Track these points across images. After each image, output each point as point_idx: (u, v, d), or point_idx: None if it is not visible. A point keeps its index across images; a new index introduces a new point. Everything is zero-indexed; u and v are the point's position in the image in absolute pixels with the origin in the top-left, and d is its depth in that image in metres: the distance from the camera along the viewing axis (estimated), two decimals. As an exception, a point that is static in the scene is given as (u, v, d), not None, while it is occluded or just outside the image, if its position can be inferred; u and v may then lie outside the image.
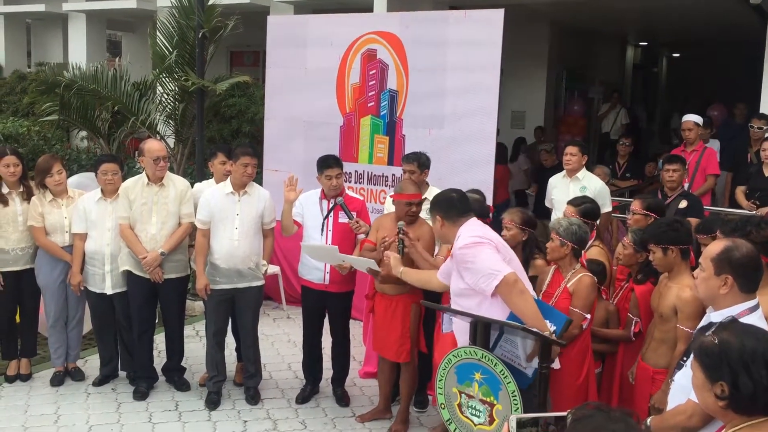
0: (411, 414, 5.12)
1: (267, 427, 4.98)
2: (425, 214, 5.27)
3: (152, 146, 5.29)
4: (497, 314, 3.75)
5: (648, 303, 4.16)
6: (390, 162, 6.74)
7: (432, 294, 4.82)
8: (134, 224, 5.24)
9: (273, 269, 6.93)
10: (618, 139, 9.79)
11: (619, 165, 9.02)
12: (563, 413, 1.95)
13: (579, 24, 12.36)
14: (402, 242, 4.63)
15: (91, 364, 5.80)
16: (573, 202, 5.12)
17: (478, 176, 6.25)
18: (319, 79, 7.10)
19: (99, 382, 5.53)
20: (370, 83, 6.85)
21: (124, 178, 5.46)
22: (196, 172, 7.58)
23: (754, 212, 6.25)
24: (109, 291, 5.34)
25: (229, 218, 5.10)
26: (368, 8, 9.19)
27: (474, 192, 5.11)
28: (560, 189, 6.34)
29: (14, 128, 10.16)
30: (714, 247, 2.85)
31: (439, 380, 3.94)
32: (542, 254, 4.65)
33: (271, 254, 5.51)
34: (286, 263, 7.39)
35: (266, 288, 5.78)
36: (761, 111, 7.57)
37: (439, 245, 4.89)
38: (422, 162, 5.36)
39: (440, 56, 6.46)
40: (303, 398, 5.37)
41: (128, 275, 5.31)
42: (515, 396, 3.58)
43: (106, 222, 5.31)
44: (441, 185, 5.67)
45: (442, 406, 3.94)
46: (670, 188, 6.14)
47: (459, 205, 3.99)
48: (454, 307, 3.97)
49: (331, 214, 5.16)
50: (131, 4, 12.64)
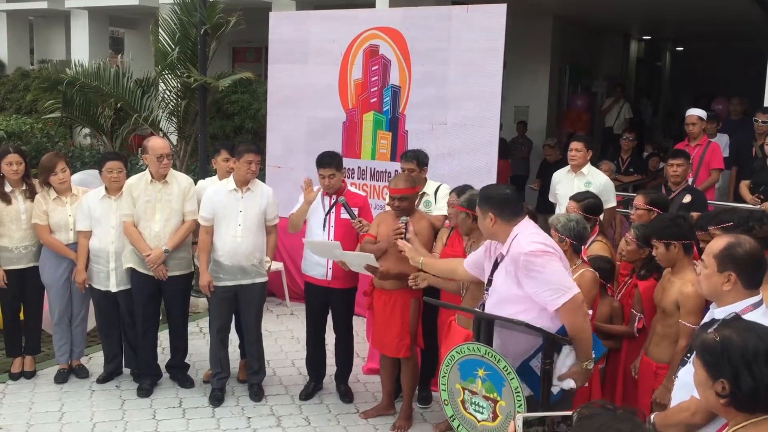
0: (414, 410, 5.13)
1: (271, 424, 4.99)
2: (423, 207, 5.29)
3: (156, 144, 5.29)
4: (543, 326, 3.53)
5: (651, 298, 4.16)
6: (393, 158, 6.72)
7: (431, 289, 4.83)
8: (138, 222, 5.25)
9: (276, 266, 6.93)
10: (621, 134, 9.76)
11: (623, 160, 9.00)
12: (569, 412, 1.94)
13: (582, 18, 12.32)
14: (403, 237, 4.65)
15: (95, 362, 5.81)
16: (576, 198, 5.10)
17: (481, 171, 6.24)
18: (322, 75, 7.09)
19: (103, 379, 5.54)
20: (373, 79, 6.84)
21: (127, 176, 5.46)
22: (199, 169, 7.58)
23: (759, 206, 6.23)
24: (114, 288, 5.35)
25: (233, 215, 5.10)
26: (370, 4, 9.18)
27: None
28: (564, 184, 6.32)
29: (17, 126, 10.17)
30: (717, 244, 2.83)
31: (443, 376, 3.93)
32: None
33: (275, 251, 5.51)
34: (290, 260, 7.39)
35: (269, 284, 5.79)
36: (766, 105, 7.53)
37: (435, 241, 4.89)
38: (420, 160, 5.35)
39: (443, 52, 6.44)
40: (306, 395, 5.37)
41: (132, 272, 5.32)
42: (518, 392, 3.57)
43: (111, 219, 5.31)
44: (443, 179, 5.69)
45: (446, 403, 3.93)
46: (674, 183, 6.12)
47: (515, 204, 3.68)
48: (495, 310, 3.65)
49: (333, 211, 5.16)
50: (133, 1, 12.63)
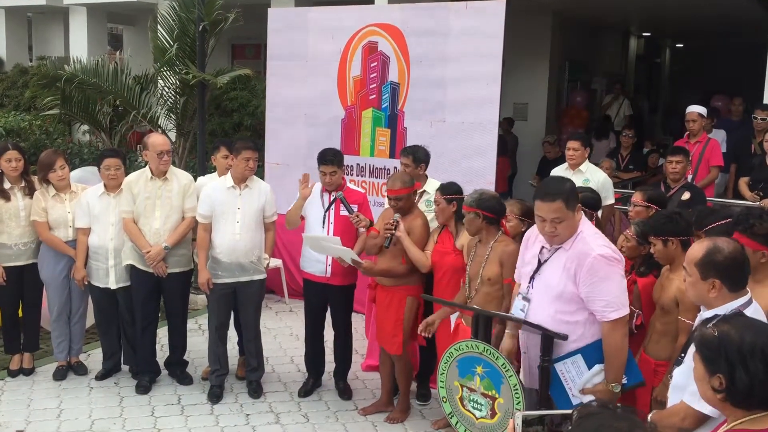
0: (413, 407, 5.13)
1: (269, 421, 4.99)
2: (424, 206, 5.29)
3: (156, 140, 5.29)
4: (594, 334, 3.45)
5: (650, 295, 4.15)
6: (392, 155, 6.72)
7: (428, 288, 4.85)
8: (138, 218, 5.24)
9: (275, 262, 6.93)
10: (621, 131, 9.76)
11: (622, 157, 8.99)
12: (568, 411, 1.94)
13: (581, 15, 12.30)
14: (390, 237, 4.73)
15: (94, 359, 5.81)
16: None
17: (480, 169, 6.24)
18: (321, 72, 7.08)
19: (102, 376, 5.54)
20: (372, 76, 6.83)
21: (127, 173, 5.46)
22: (198, 166, 7.57)
23: (758, 203, 6.23)
24: (113, 286, 5.35)
25: (231, 212, 5.10)
26: (369, 0, 9.16)
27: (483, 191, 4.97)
28: (562, 181, 6.31)
29: (16, 122, 10.16)
30: (696, 252, 2.79)
31: (441, 374, 3.94)
32: None
33: (273, 248, 5.51)
34: (288, 256, 7.39)
35: (268, 281, 5.78)
36: (765, 102, 7.52)
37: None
38: (417, 156, 5.33)
39: (442, 48, 6.43)
40: (305, 392, 5.37)
41: (132, 269, 5.32)
42: (517, 389, 3.57)
43: (110, 216, 5.31)
44: (442, 177, 5.67)
45: (444, 400, 3.94)
46: (673, 180, 6.12)
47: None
48: (543, 306, 3.52)
49: (333, 207, 5.15)
50: (132, -2, 12.62)
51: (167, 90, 8.40)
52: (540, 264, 3.55)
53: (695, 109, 7.48)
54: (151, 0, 11.86)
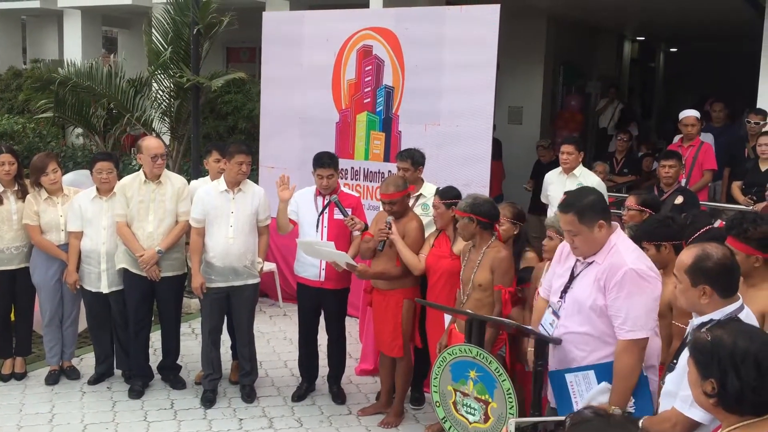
0: (407, 411, 5.13)
1: (263, 425, 4.97)
2: (420, 210, 5.29)
3: (150, 144, 5.28)
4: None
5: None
6: (386, 158, 6.71)
7: (423, 292, 4.85)
8: (131, 222, 5.22)
9: (269, 266, 6.92)
10: (615, 135, 9.77)
11: (617, 160, 9.00)
12: (561, 417, 1.93)
13: (576, 19, 12.32)
14: (384, 240, 4.75)
15: (87, 363, 5.79)
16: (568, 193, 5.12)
17: (474, 173, 6.24)
18: (315, 75, 7.07)
19: (94, 381, 5.52)
20: (366, 79, 6.83)
21: (120, 176, 5.44)
22: (192, 170, 7.55)
23: (751, 208, 6.24)
24: (105, 290, 5.33)
25: (224, 216, 5.09)
26: (364, 4, 9.16)
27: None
28: (556, 185, 6.33)
29: (9, 125, 10.13)
30: (685, 258, 2.77)
31: (434, 378, 3.93)
32: (532, 248, 4.67)
33: (267, 251, 5.50)
34: (282, 260, 7.37)
35: (262, 285, 5.77)
36: (758, 106, 7.55)
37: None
38: (416, 159, 5.36)
39: (436, 52, 6.43)
40: (299, 396, 5.36)
41: (125, 273, 5.30)
42: (510, 394, 3.57)
43: (102, 220, 5.29)
44: (437, 181, 5.67)
45: (437, 404, 3.93)
46: (667, 184, 6.13)
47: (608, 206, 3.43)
48: (570, 320, 3.41)
49: (326, 211, 5.15)
50: (126, 1, 12.57)
51: (161, 93, 8.39)
52: (572, 278, 3.43)
53: (691, 114, 7.50)
54: (146, 3, 11.84)
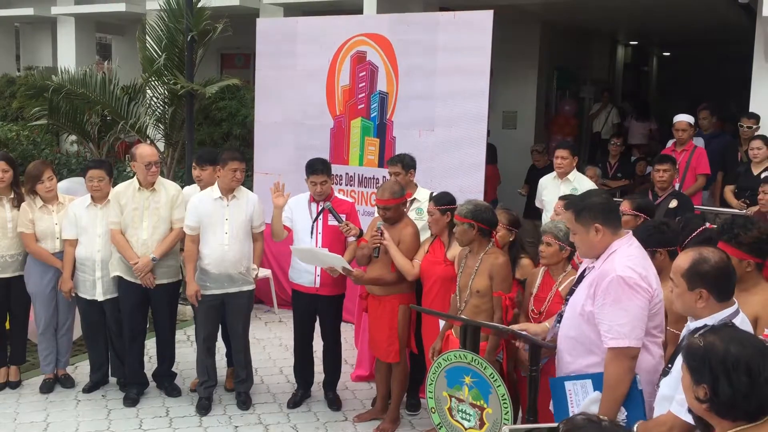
0: (403, 417, 5.12)
1: (258, 432, 4.97)
2: (414, 214, 5.29)
3: (144, 151, 5.27)
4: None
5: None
6: (381, 164, 6.72)
7: (418, 298, 4.85)
8: (125, 229, 5.22)
9: (264, 273, 6.91)
10: (609, 139, 9.80)
11: (610, 165, 9.03)
12: (555, 424, 1.94)
13: (569, 24, 12.37)
14: (378, 247, 4.76)
15: (81, 371, 5.77)
16: (564, 197, 5.15)
17: (469, 178, 6.25)
18: (309, 82, 7.09)
19: (89, 389, 5.50)
20: (360, 85, 6.84)
21: (115, 183, 5.43)
22: (186, 176, 7.55)
23: (744, 211, 6.26)
24: (100, 297, 5.31)
25: (219, 223, 5.08)
26: (358, 10, 9.18)
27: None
28: (551, 190, 6.35)
29: (3, 133, 10.11)
30: (682, 262, 2.77)
31: (430, 384, 3.94)
32: (527, 254, 4.68)
33: (262, 258, 5.50)
34: (277, 266, 7.37)
35: (257, 292, 5.77)
36: (751, 110, 7.58)
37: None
38: (406, 163, 5.37)
39: (430, 58, 6.45)
40: (294, 402, 5.35)
41: (119, 281, 5.29)
42: (505, 400, 3.57)
43: (97, 228, 5.28)
44: (432, 187, 5.69)
45: (433, 410, 3.93)
46: (661, 188, 6.15)
47: (617, 213, 3.37)
48: (567, 327, 3.39)
49: (321, 217, 5.15)
50: (120, 8, 12.59)
51: (156, 100, 8.39)
52: (579, 282, 3.43)
53: (684, 119, 7.53)
54: (140, 10, 11.84)
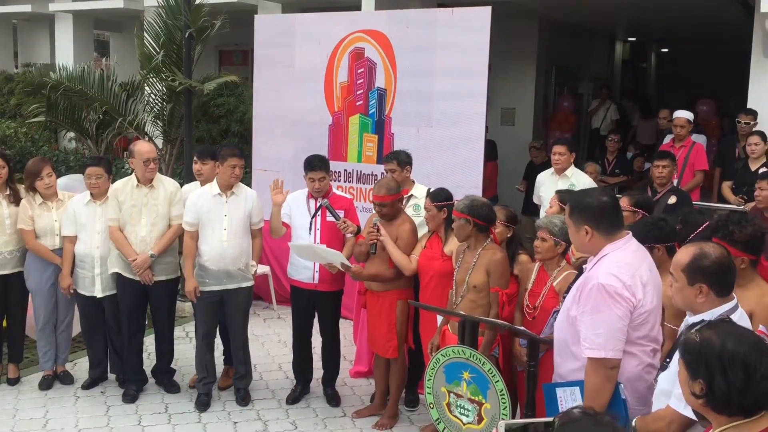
0: (402, 413, 5.14)
1: (257, 428, 4.97)
2: (412, 210, 5.30)
3: (142, 148, 5.28)
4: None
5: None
6: (379, 161, 6.72)
7: (416, 292, 4.87)
8: (124, 226, 5.22)
9: (263, 269, 6.92)
10: (607, 136, 9.81)
11: (609, 161, 9.04)
12: (551, 419, 1.95)
13: (568, 20, 12.37)
14: (376, 243, 4.77)
15: (80, 367, 5.78)
16: (559, 191, 5.17)
17: (467, 174, 6.26)
18: (308, 78, 7.08)
19: (88, 385, 5.50)
20: (359, 82, 6.84)
21: (113, 180, 5.44)
22: (185, 173, 7.55)
23: (742, 207, 6.28)
24: (99, 294, 5.32)
25: (217, 219, 5.09)
26: (356, 6, 9.17)
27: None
28: (548, 186, 6.35)
29: (1, 130, 10.10)
30: (682, 257, 2.78)
31: (428, 380, 3.95)
32: (525, 250, 4.69)
33: (260, 254, 5.50)
34: (276, 263, 7.38)
35: (256, 288, 5.77)
36: (749, 106, 7.59)
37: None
38: (401, 159, 5.38)
39: (428, 54, 6.45)
40: (293, 399, 5.36)
41: (118, 277, 5.29)
42: (503, 395, 3.58)
43: (96, 224, 5.28)
44: (430, 183, 5.68)
45: (431, 406, 3.95)
46: (660, 184, 6.16)
47: (614, 214, 3.20)
48: (557, 329, 3.35)
49: (319, 214, 5.16)
50: (118, 4, 12.57)
51: (154, 97, 8.38)
52: (576, 278, 3.40)
53: (683, 115, 7.54)
54: (138, 7, 11.83)
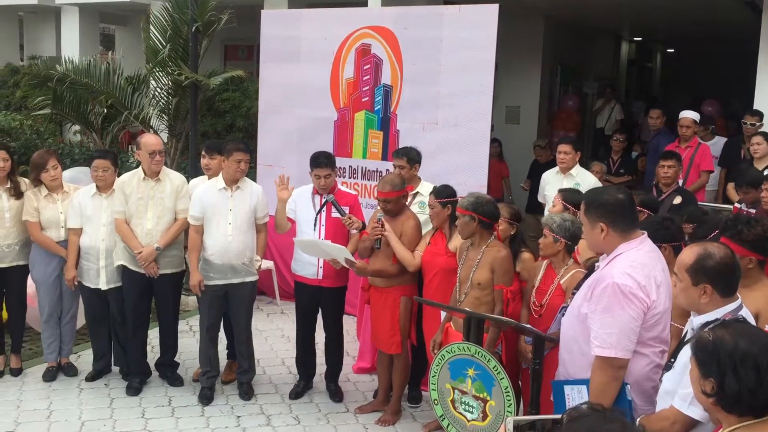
0: (404, 410, 5.14)
1: (260, 423, 4.98)
2: (417, 208, 5.31)
3: (148, 140, 5.29)
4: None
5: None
6: (384, 157, 6.73)
7: (420, 288, 4.87)
8: (130, 219, 5.23)
9: (267, 264, 6.92)
10: (612, 135, 9.80)
11: (613, 161, 9.03)
12: (559, 416, 1.95)
13: (573, 19, 12.35)
14: (380, 239, 4.78)
15: (84, 360, 5.79)
16: (562, 190, 5.17)
17: (472, 172, 6.25)
18: (313, 74, 7.07)
19: (92, 378, 5.52)
20: (365, 78, 6.84)
21: (119, 173, 5.44)
22: (190, 167, 7.55)
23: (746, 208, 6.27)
24: (104, 286, 5.33)
25: (222, 214, 5.10)
26: (363, 2, 9.16)
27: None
28: (553, 185, 6.35)
29: (7, 122, 10.08)
30: (687, 257, 2.76)
31: (433, 376, 3.95)
32: (528, 247, 4.70)
33: (265, 249, 5.51)
34: (280, 258, 7.38)
35: (260, 283, 5.78)
36: (755, 107, 7.58)
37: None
38: (411, 157, 5.38)
39: (434, 51, 6.44)
40: (296, 393, 5.37)
41: (123, 270, 5.30)
42: (508, 392, 3.59)
43: (101, 217, 5.30)
44: (435, 180, 5.68)
45: (436, 402, 3.95)
46: (665, 184, 6.16)
47: (630, 212, 3.17)
48: (566, 321, 3.34)
49: (324, 209, 5.16)
50: (125, -2, 12.59)
51: (159, 91, 8.38)
52: (587, 276, 3.38)
53: (689, 115, 7.53)
54: (144, 0, 11.82)
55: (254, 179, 6.26)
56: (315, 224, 5.17)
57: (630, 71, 16.98)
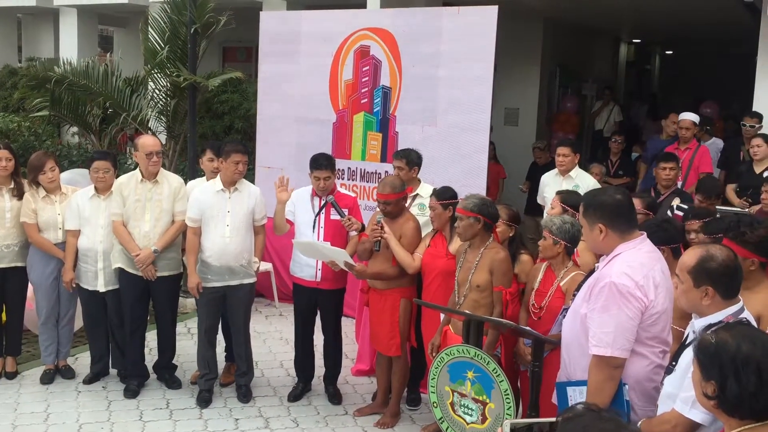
0: (403, 412, 5.12)
1: (258, 425, 4.96)
2: (417, 210, 5.29)
3: (145, 141, 5.28)
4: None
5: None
6: (383, 159, 6.72)
7: (419, 290, 4.86)
8: (127, 221, 5.21)
9: (265, 266, 6.91)
10: (611, 137, 9.79)
11: (612, 162, 9.02)
12: (555, 419, 1.94)
13: (572, 21, 12.35)
14: (379, 241, 4.76)
15: (82, 362, 5.77)
16: (560, 192, 5.16)
17: (471, 174, 6.24)
18: (312, 76, 7.07)
19: (89, 380, 5.50)
20: (363, 80, 6.83)
21: (117, 175, 5.42)
22: (188, 169, 7.54)
23: (746, 210, 6.26)
24: (102, 288, 5.31)
25: (220, 215, 5.08)
26: (361, 4, 9.15)
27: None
28: (552, 187, 6.34)
29: (4, 124, 10.08)
30: (689, 259, 2.75)
31: (432, 378, 3.94)
32: (526, 249, 4.68)
33: (263, 251, 5.49)
34: (278, 260, 7.36)
35: (258, 285, 5.76)
36: (754, 109, 7.57)
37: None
38: (411, 159, 5.36)
39: (434, 53, 6.44)
40: (295, 396, 5.35)
41: (121, 272, 5.28)
42: (508, 395, 3.57)
43: (100, 219, 5.28)
44: (434, 181, 5.68)
45: (435, 405, 3.93)
46: (664, 186, 6.15)
47: (628, 213, 3.18)
48: (567, 322, 3.34)
49: (323, 211, 5.15)
50: (123, 0, 12.57)
51: (158, 92, 8.38)
52: (587, 277, 3.39)
53: (688, 117, 7.52)
54: (143, 2, 11.82)
55: (252, 182, 6.24)
56: (314, 226, 5.15)
57: (629, 73, 16.99)
